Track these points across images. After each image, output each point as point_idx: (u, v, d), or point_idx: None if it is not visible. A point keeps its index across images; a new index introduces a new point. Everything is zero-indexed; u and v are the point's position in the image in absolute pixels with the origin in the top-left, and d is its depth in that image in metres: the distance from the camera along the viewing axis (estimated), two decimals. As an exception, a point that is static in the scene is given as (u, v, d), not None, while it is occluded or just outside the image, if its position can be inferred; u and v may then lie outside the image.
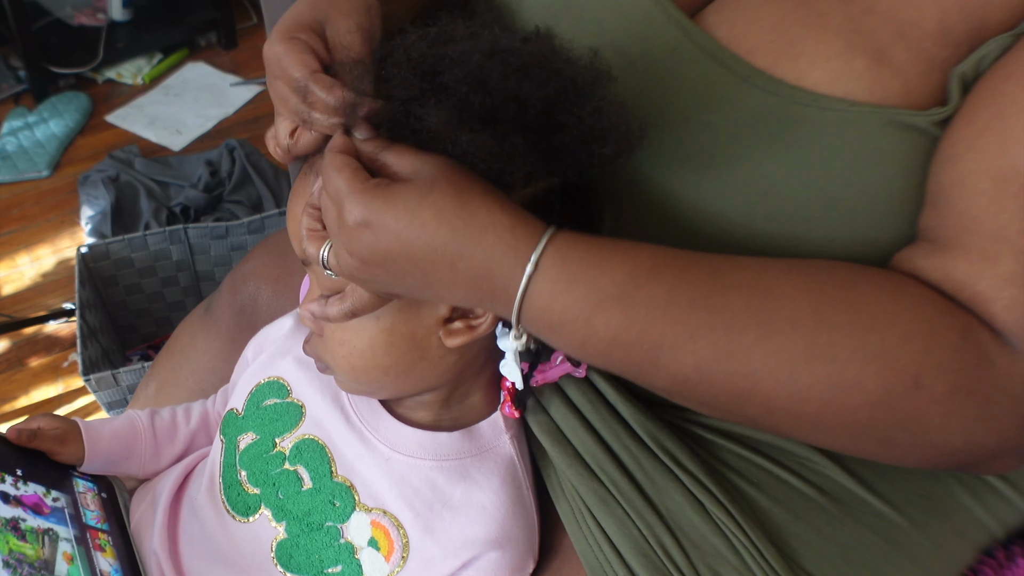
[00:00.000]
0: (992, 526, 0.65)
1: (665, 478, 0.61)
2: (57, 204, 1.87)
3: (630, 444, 0.63)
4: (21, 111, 2.02)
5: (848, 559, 0.60)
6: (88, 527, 0.66)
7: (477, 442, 0.61)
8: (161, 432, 0.74)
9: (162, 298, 1.56)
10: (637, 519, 0.60)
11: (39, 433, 0.68)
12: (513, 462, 0.62)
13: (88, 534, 0.66)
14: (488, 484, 0.60)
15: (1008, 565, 0.65)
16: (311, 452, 0.63)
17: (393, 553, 0.59)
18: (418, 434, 0.62)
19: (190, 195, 1.74)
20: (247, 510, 0.63)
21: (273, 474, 0.63)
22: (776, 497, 0.62)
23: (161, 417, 0.74)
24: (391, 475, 0.60)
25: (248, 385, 0.68)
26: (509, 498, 0.60)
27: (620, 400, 0.64)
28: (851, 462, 0.63)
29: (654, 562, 0.59)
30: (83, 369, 1.27)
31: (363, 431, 0.62)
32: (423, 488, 0.60)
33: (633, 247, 0.48)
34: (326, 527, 0.60)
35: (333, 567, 0.60)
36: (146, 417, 0.74)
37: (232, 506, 0.64)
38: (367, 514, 0.60)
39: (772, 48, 0.52)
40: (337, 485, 0.61)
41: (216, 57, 2.25)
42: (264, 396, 0.67)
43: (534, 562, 0.61)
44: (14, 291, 1.71)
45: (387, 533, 0.59)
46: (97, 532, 0.67)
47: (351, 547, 0.59)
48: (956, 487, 0.64)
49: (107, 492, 0.72)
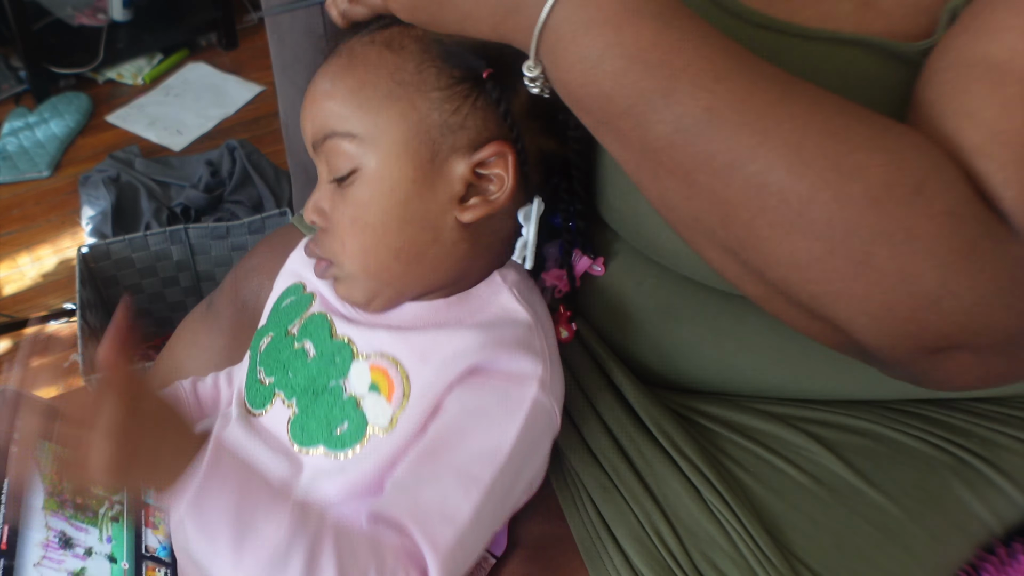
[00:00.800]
0: (991, 521, 0.65)
1: (664, 465, 0.62)
2: (58, 204, 1.87)
3: (632, 430, 0.64)
4: (22, 111, 2.02)
5: (842, 548, 0.60)
6: (145, 503, 0.68)
7: (473, 303, 0.60)
8: (204, 397, 0.74)
9: (163, 298, 1.56)
10: (634, 505, 0.61)
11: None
12: (514, 309, 0.59)
13: (143, 510, 0.68)
14: (482, 316, 0.59)
15: (1009, 562, 0.65)
16: (315, 324, 0.62)
17: (394, 391, 0.57)
18: (414, 306, 0.60)
19: (191, 195, 1.74)
20: (263, 401, 0.62)
21: (283, 357, 0.62)
22: (772, 486, 0.62)
23: (204, 383, 0.75)
24: (388, 325, 0.60)
25: (272, 299, 0.69)
26: (504, 318, 0.58)
27: (626, 382, 0.65)
28: (847, 452, 0.64)
29: (648, 548, 0.59)
30: (84, 369, 1.27)
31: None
32: (417, 324, 0.59)
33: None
34: (330, 387, 0.59)
35: (340, 426, 0.58)
36: (189, 384, 0.74)
37: (251, 404, 0.63)
38: (365, 361, 0.58)
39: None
40: (336, 343, 0.60)
41: (216, 57, 2.25)
42: (284, 299, 0.67)
43: (539, 387, 0.56)
44: (15, 291, 1.71)
45: (385, 373, 0.57)
46: (152, 509, 0.69)
47: (354, 400, 0.58)
48: (953, 480, 0.64)
49: None
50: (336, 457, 0.58)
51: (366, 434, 0.57)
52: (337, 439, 0.58)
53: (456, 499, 0.53)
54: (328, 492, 0.58)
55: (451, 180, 0.56)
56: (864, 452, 0.64)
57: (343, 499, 0.58)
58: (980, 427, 0.66)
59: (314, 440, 0.59)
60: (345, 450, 0.58)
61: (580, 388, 0.67)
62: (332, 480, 0.58)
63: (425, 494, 0.53)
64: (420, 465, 0.55)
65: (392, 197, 0.56)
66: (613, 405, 0.65)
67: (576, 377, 0.67)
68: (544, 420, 0.57)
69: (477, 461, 0.54)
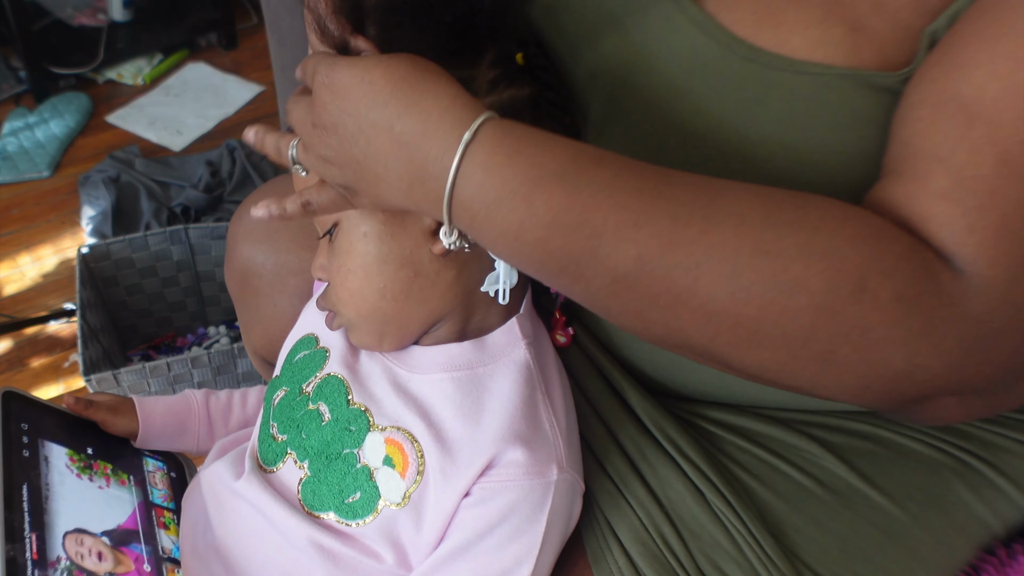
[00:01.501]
0: (993, 523, 0.65)
1: (668, 468, 0.62)
2: (58, 204, 1.87)
3: (635, 434, 0.64)
4: (22, 111, 2.02)
5: (846, 551, 0.60)
6: (154, 505, 0.69)
7: (490, 351, 0.60)
8: (215, 412, 0.76)
9: (163, 298, 1.56)
10: (639, 508, 0.61)
11: (94, 403, 0.72)
12: (528, 367, 0.60)
13: (153, 512, 0.68)
14: (498, 388, 0.59)
15: (1009, 563, 0.65)
16: (330, 387, 0.62)
17: (408, 468, 0.57)
18: (431, 351, 0.61)
19: (191, 195, 1.75)
20: (275, 459, 0.63)
21: (297, 417, 0.63)
22: (776, 489, 0.62)
23: (217, 398, 0.77)
24: (404, 393, 0.60)
25: (285, 350, 0.70)
26: (520, 399, 0.58)
27: (629, 388, 0.65)
28: (850, 455, 0.64)
29: (652, 551, 0.59)
30: (84, 369, 1.27)
31: (383, 359, 0.62)
32: (435, 400, 0.59)
33: (581, 142, 0.48)
34: (343, 455, 0.59)
35: (352, 495, 0.59)
36: (201, 396, 0.77)
37: (264, 460, 0.64)
38: (380, 433, 0.59)
39: (754, 19, 0.53)
40: (352, 411, 0.60)
41: (216, 57, 2.25)
42: (297, 352, 0.68)
43: (558, 469, 0.57)
44: (15, 291, 1.71)
45: (400, 448, 0.58)
46: (163, 510, 0.69)
47: (367, 470, 0.58)
48: (955, 482, 0.64)
49: (176, 472, 0.75)
50: (348, 525, 0.59)
51: (377, 508, 0.58)
52: (348, 508, 0.59)
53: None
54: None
55: (419, 216, 0.56)
56: (867, 455, 0.64)
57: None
58: (981, 430, 0.66)
59: (326, 506, 0.60)
60: (356, 520, 0.59)
61: (583, 393, 0.67)
62: (347, 539, 0.59)
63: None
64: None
65: (367, 241, 0.57)
66: (616, 409, 0.65)
67: (578, 382, 0.67)
68: (567, 489, 0.58)
69: (512, 566, 0.56)
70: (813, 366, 0.45)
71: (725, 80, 0.53)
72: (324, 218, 0.59)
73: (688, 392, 0.67)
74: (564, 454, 0.58)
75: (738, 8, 0.54)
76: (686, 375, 0.66)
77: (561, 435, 0.58)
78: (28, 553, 0.56)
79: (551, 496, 0.56)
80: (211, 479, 0.66)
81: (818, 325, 0.43)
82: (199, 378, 1.35)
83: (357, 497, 0.59)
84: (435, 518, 0.57)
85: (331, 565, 0.59)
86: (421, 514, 0.57)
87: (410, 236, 0.57)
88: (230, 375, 1.38)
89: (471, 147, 0.46)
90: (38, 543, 0.58)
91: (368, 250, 0.57)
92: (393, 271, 0.57)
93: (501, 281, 0.57)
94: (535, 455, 0.56)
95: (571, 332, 0.68)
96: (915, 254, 0.44)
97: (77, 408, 0.71)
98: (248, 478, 0.63)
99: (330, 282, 0.61)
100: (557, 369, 0.63)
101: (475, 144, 0.46)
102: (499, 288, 0.58)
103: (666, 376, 0.67)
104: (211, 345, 1.58)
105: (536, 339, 0.62)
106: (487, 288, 0.58)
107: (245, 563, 0.62)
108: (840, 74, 0.50)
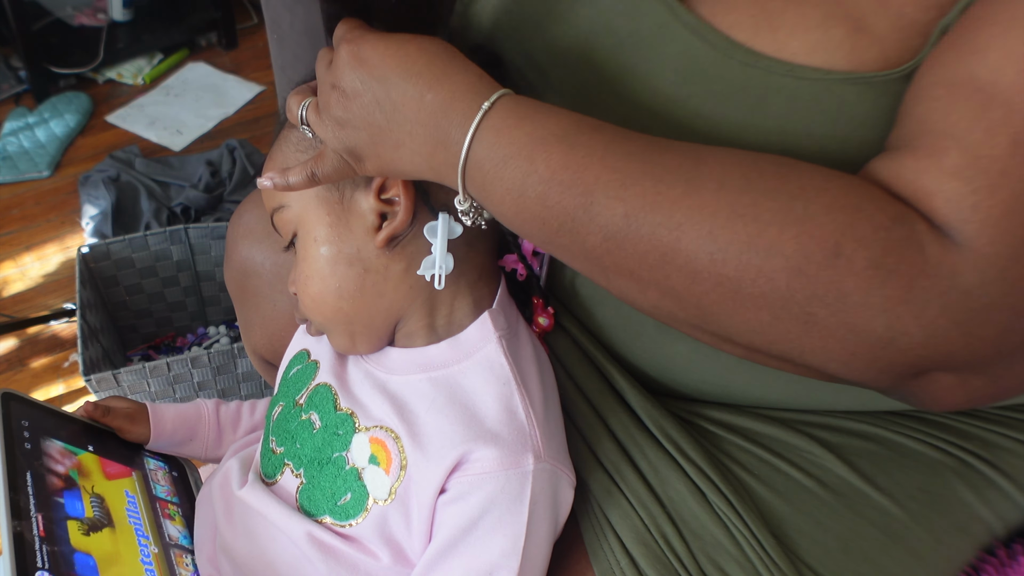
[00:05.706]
0: (993, 523, 0.65)
1: (669, 468, 0.62)
2: (58, 204, 1.87)
3: (636, 433, 0.64)
4: (22, 111, 2.02)
5: (847, 551, 0.61)
6: (157, 498, 0.70)
7: (464, 348, 0.61)
8: (225, 420, 0.79)
9: (163, 298, 1.56)
10: (640, 508, 0.61)
11: (112, 410, 0.73)
12: (500, 361, 0.60)
13: (157, 504, 0.69)
14: (470, 385, 0.60)
15: (1009, 563, 0.65)
16: (320, 396, 0.64)
17: (392, 464, 0.59)
18: (410, 352, 0.63)
19: (191, 195, 1.75)
20: (274, 470, 0.65)
21: (292, 428, 0.65)
22: (777, 489, 0.62)
23: (227, 407, 0.80)
24: (385, 393, 0.62)
25: (282, 368, 0.72)
26: (490, 395, 0.59)
27: (628, 388, 0.65)
28: (851, 455, 0.64)
29: (654, 551, 0.60)
30: (84, 369, 1.27)
31: (365, 364, 0.64)
32: (412, 398, 0.61)
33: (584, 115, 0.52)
34: (333, 459, 0.61)
35: (344, 497, 0.60)
36: (212, 404, 0.79)
37: (264, 472, 0.66)
38: (365, 433, 0.61)
39: (752, 22, 0.53)
40: (340, 416, 0.62)
41: (216, 57, 2.25)
42: (291, 368, 0.70)
43: (535, 459, 0.57)
44: (15, 291, 1.72)
45: (383, 445, 0.59)
46: (166, 503, 0.71)
47: (356, 471, 0.60)
48: (956, 482, 0.64)
49: (178, 472, 0.76)
50: (343, 527, 0.60)
51: (367, 506, 0.59)
52: (340, 509, 0.60)
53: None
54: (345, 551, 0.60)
55: (362, 214, 0.60)
56: (867, 455, 0.64)
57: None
58: (982, 429, 0.66)
59: (320, 510, 0.61)
60: (349, 520, 0.60)
61: (582, 392, 0.67)
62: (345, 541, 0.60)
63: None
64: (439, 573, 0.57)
65: (318, 245, 0.61)
66: (616, 408, 0.65)
67: (577, 382, 0.67)
68: (547, 479, 0.58)
69: (499, 560, 0.56)
70: (795, 327, 0.46)
71: (724, 86, 0.53)
72: (284, 228, 0.63)
73: (688, 392, 0.67)
74: (542, 444, 0.58)
75: (735, 11, 0.53)
76: (686, 375, 0.66)
77: (538, 425, 0.58)
78: (35, 531, 0.57)
79: (529, 486, 0.56)
80: (220, 483, 0.68)
81: (794, 287, 0.45)
82: (199, 378, 1.35)
83: (348, 498, 0.60)
84: (420, 513, 0.58)
85: (332, 561, 0.59)
86: (408, 509, 0.58)
87: (355, 235, 0.60)
88: (230, 375, 1.38)
89: (488, 114, 0.51)
90: (45, 523, 0.58)
91: (320, 253, 0.61)
92: (344, 270, 0.60)
93: (437, 266, 0.59)
94: (508, 447, 0.57)
95: (551, 311, 0.69)
96: (899, 224, 0.45)
97: (95, 415, 0.72)
98: (251, 487, 0.64)
99: (297, 291, 0.63)
100: (536, 359, 0.64)
101: (492, 111, 0.51)
102: (435, 273, 0.59)
103: (666, 376, 0.67)
104: (211, 345, 1.58)
105: (511, 331, 0.63)
106: (423, 272, 0.59)
107: (252, 563, 0.63)
108: (840, 78, 0.50)
